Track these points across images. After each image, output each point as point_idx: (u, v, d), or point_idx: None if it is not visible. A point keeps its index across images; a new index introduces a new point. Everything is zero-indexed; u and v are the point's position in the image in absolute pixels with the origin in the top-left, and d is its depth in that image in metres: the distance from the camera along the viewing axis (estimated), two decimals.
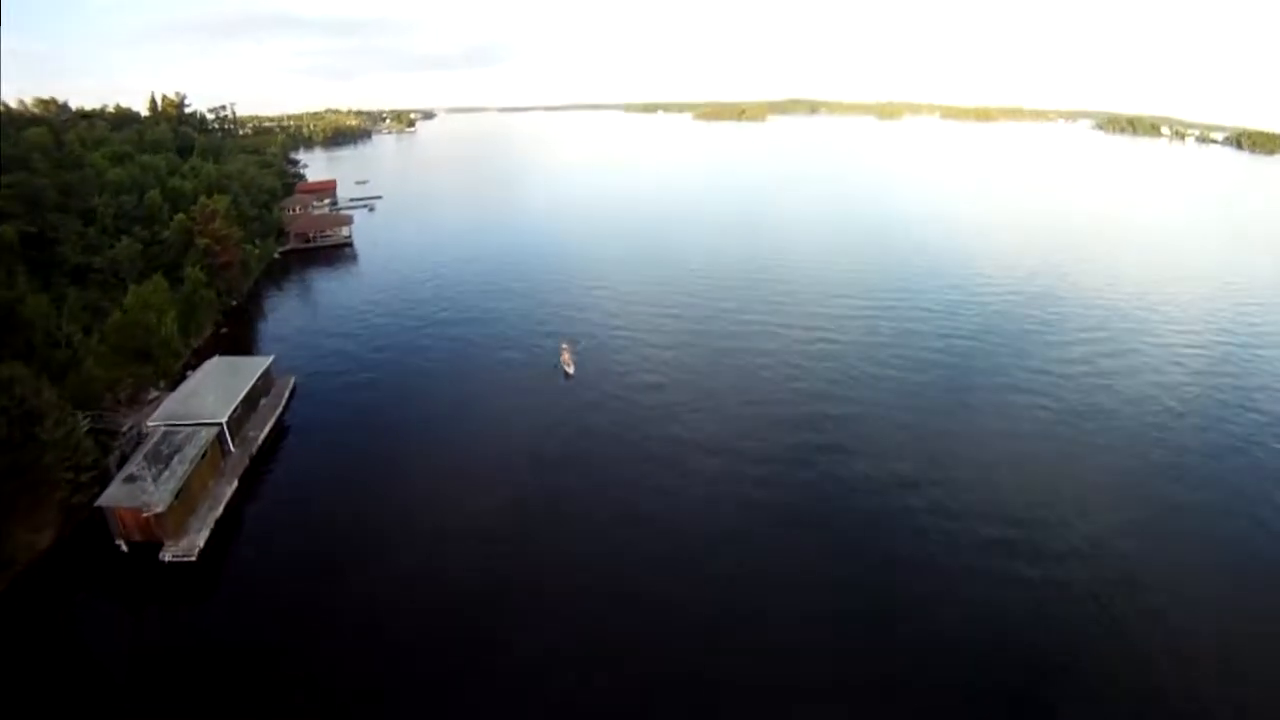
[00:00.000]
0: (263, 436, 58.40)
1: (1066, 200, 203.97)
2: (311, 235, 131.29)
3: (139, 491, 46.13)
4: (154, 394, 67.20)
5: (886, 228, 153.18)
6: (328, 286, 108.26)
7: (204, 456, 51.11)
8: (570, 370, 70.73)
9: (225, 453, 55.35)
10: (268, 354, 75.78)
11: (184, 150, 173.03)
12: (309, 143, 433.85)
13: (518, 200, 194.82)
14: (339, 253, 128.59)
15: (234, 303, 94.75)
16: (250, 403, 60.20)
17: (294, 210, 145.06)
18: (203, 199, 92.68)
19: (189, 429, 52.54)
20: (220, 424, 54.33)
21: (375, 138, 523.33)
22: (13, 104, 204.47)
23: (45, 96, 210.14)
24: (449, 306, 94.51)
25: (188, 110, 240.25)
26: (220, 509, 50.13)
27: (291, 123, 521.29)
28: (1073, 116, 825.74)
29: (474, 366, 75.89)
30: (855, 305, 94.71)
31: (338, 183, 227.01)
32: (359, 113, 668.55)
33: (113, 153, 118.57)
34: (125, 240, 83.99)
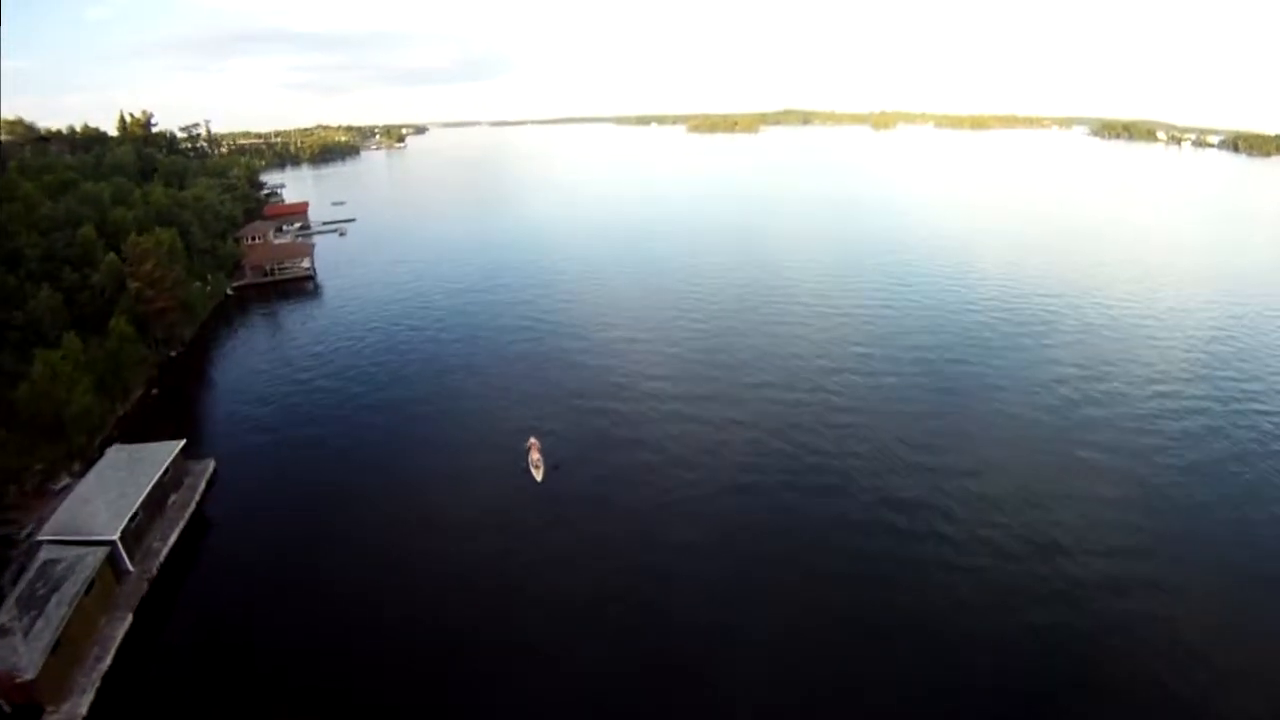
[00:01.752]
0: (168, 547, 49.34)
1: (1064, 207, 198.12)
2: (270, 268, 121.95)
3: (7, 651, 37.15)
4: (64, 481, 58.44)
5: (886, 242, 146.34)
6: (277, 333, 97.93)
7: (89, 589, 42.21)
8: (539, 474, 57.02)
9: (122, 572, 46.48)
10: (199, 427, 68.02)
11: (148, 173, 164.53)
12: (295, 160, 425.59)
13: (499, 224, 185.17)
14: (299, 287, 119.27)
15: (172, 354, 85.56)
16: (154, 504, 51.26)
17: (252, 239, 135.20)
18: (132, 236, 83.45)
19: (72, 555, 43.31)
20: (112, 541, 45.47)
21: (364, 154, 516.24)
22: None
23: (11, 117, 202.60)
24: (406, 365, 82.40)
25: (155, 129, 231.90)
26: (109, 658, 41.19)
27: (279, 139, 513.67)
28: (1067, 123, 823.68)
29: (424, 458, 62.27)
30: (875, 364, 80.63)
31: (314, 204, 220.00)
32: (349, 128, 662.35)
33: (57, 181, 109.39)
34: (45, 290, 74.94)
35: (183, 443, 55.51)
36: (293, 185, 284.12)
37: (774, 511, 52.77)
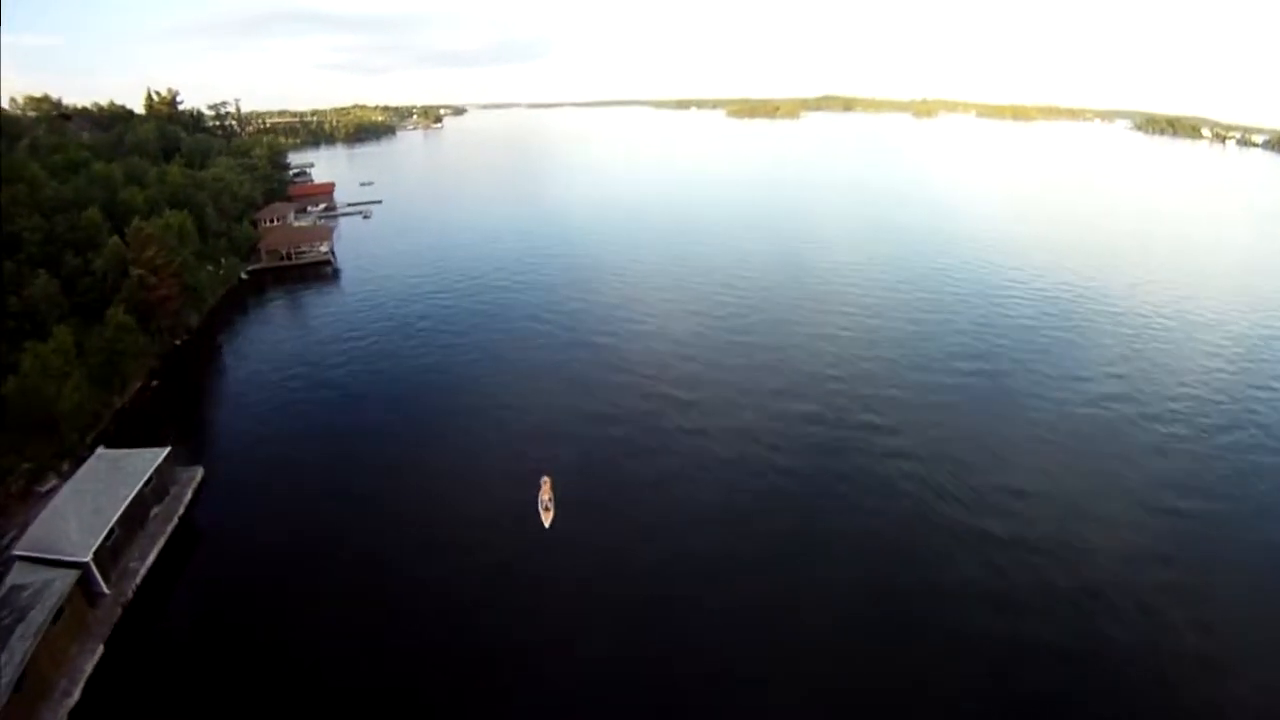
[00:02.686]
0: (146, 567, 45.26)
1: (1112, 207, 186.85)
2: (286, 252, 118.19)
3: None
4: (51, 483, 54.77)
5: (931, 239, 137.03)
6: (287, 323, 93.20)
7: (58, 618, 38.24)
8: (548, 518, 49.86)
9: (96, 595, 42.54)
10: (194, 425, 64.37)
11: (170, 152, 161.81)
12: (330, 139, 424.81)
13: (530, 210, 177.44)
14: (316, 272, 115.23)
15: (177, 342, 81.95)
16: (134, 519, 47.20)
17: (269, 221, 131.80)
18: (135, 221, 79.71)
19: (39, 580, 39.24)
20: (85, 563, 41.31)
21: (400, 134, 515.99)
22: (5, 104, 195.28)
23: (38, 94, 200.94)
24: (418, 368, 76.37)
25: (182, 107, 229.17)
26: (77, 692, 37.33)
27: (314, 118, 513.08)
28: (1109, 116, 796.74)
29: (431, 475, 56.04)
30: (929, 391, 71.37)
31: (343, 184, 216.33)
32: (386, 108, 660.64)
33: (68, 160, 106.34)
34: (42, 276, 71.56)
35: (167, 450, 51.24)
36: (326, 165, 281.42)
37: (816, 572, 46.61)
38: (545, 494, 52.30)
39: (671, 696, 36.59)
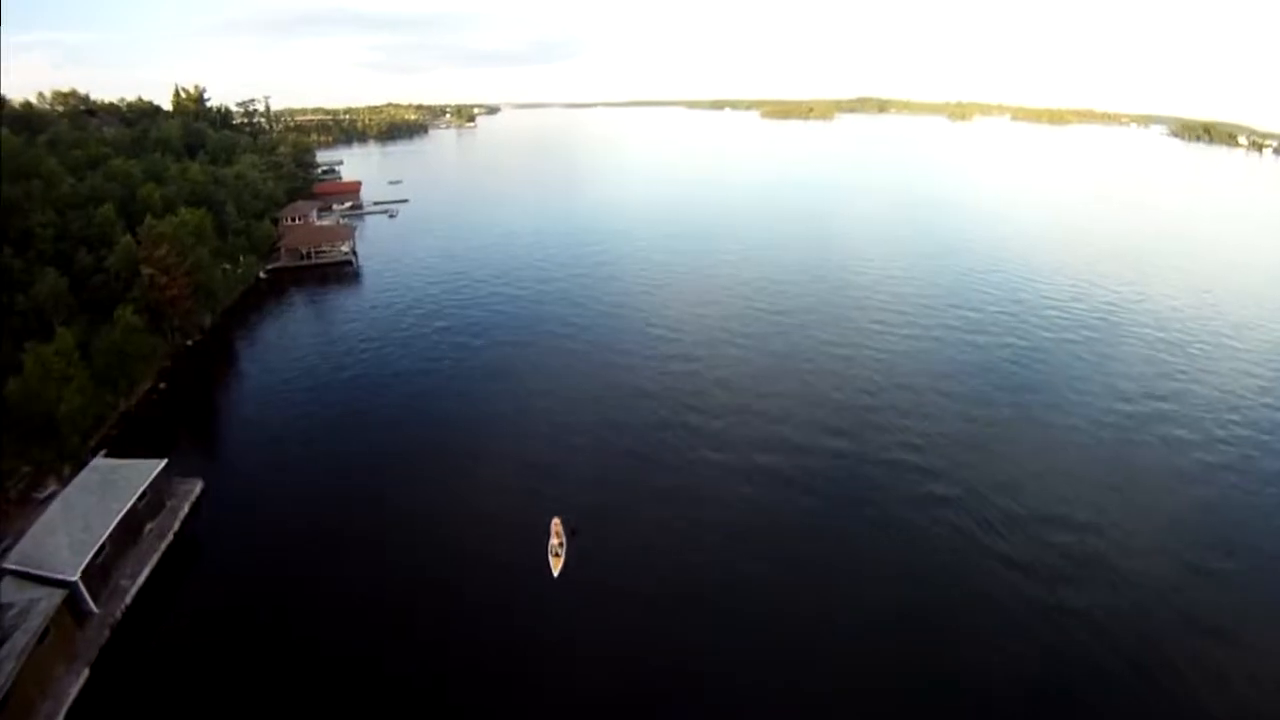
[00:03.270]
0: (138, 586, 42.82)
1: (1156, 219, 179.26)
2: (306, 251, 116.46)
3: None
4: (51, 488, 52.65)
5: (972, 248, 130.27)
6: (301, 327, 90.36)
7: (44, 638, 35.93)
8: (557, 565, 44.48)
9: (84, 614, 40.10)
10: (199, 431, 62.74)
11: (194, 148, 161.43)
12: (363, 137, 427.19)
13: (558, 211, 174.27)
14: (336, 272, 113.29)
15: (189, 342, 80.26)
16: (126, 534, 44.80)
17: (290, 220, 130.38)
18: (148, 219, 77.89)
19: (25, 599, 36.85)
20: (73, 583, 38.95)
21: (433, 132, 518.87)
22: (32, 98, 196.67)
23: (65, 89, 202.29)
24: (432, 381, 72.33)
25: (211, 104, 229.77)
26: (60, 717, 34.91)
27: (347, 116, 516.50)
28: (1145, 121, 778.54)
29: (439, 498, 52.06)
30: (975, 426, 64.73)
31: (372, 182, 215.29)
32: (420, 107, 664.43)
33: (87, 156, 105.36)
34: (50, 273, 69.97)
35: (163, 463, 48.71)
36: (358, 162, 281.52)
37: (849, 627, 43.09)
38: (555, 538, 46.94)
39: None
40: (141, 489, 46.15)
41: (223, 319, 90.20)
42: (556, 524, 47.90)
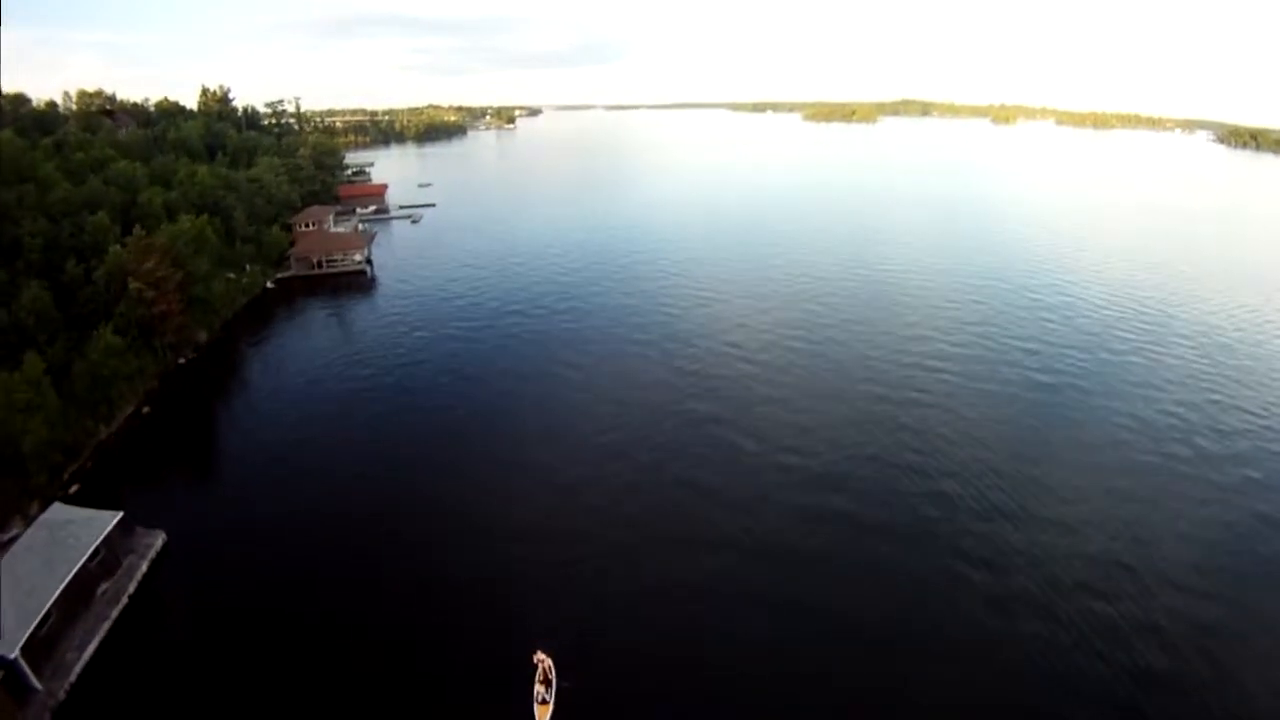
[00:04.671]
0: (86, 657, 37.06)
1: (1210, 232, 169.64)
2: (317, 260, 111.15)
3: None
4: (13, 531, 46.93)
5: (1029, 259, 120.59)
6: (305, 343, 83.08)
7: None
8: (545, 714, 34.64)
9: (27, 691, 34.62)
10: (173, 468, 56.46)
11: (214, 150, 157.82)
12: (401, 138, 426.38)
13: (590, 219, 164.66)
14: (348, 283, 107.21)
15: (181, 360, 74.77)
16: (76, 599, 38.99)
17: (303, 226, 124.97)
18: (136, 230, 72.88)
19: None
20: (12, 660, 33.54)
21: (471, 134, 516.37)
22: (58, 97, 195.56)
23: (91, 89, 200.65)
24: (436, 424, 63.20)
25: (234, 104, 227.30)
26: None
27: (385, 117, 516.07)
28: (1190, 127, 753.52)
29: (410, 602, 41.57)
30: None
31: (403, 184, 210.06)
32: (460, 109, 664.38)
33: (91, 159, 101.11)
34: (34, 286, 65.03)
35: (118, 517, 42.71)
36: (390, 164, 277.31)
37: None
38: (540, 677, 36.19)
39: None
40: (94, 546, 40.38)
41: (223, 332, 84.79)
42: (543, 662, 36.70)
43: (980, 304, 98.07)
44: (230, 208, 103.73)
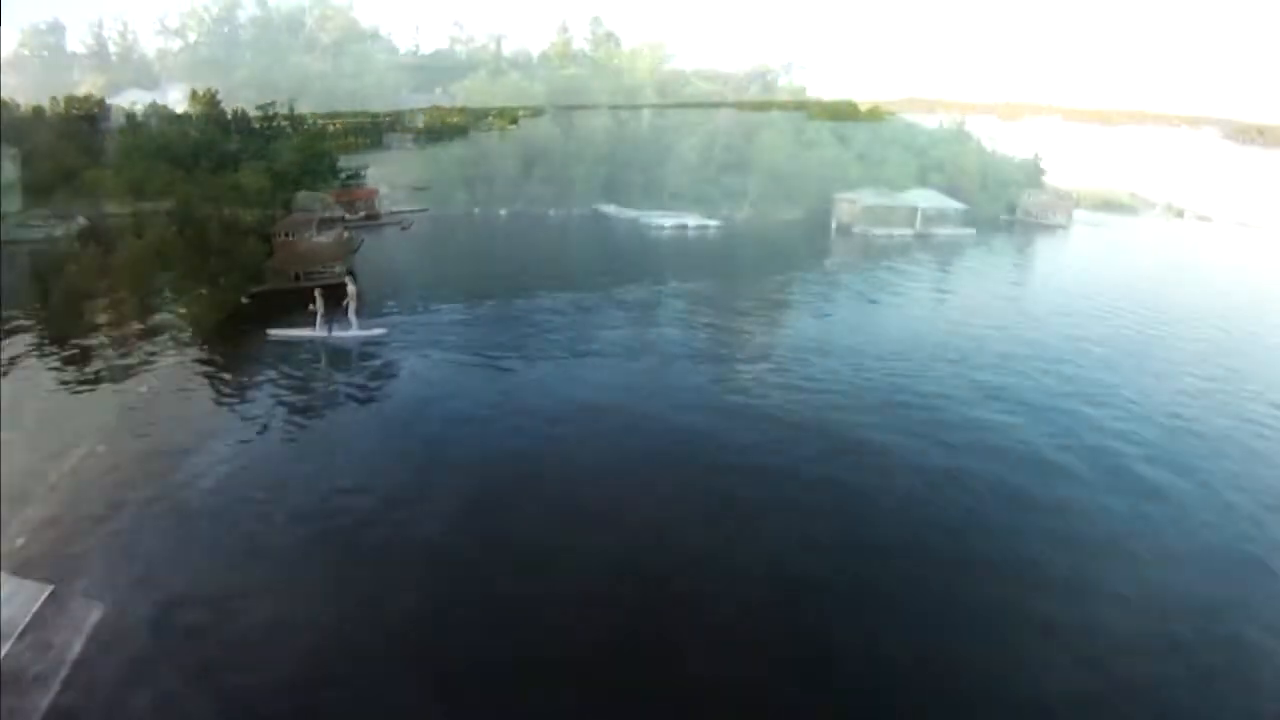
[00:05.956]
0: None
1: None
2: (295, 273, 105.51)
3: None
4: None
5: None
6: (261, 374, 63.61)
7: None
8: None
9: None
10: (109, 520, 46.09)
11: (199, 155, 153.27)
12: (400, 139, 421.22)
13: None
14: (328, 296, 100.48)
15: (142, 389, 70.10)
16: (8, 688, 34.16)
17: (283, 236, 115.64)
18: None
19: None
20: None
21: (473, 135, 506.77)
22: (45, 103, 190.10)
23: (80, 94, 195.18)
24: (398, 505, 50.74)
25: (222, 106, 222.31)
26: None
27: (387, 118, 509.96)
28: (1196, 123, 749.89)
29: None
30: None
31: (397, 186, 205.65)
32: (463, 110, 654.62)
33: (61, 169, 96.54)
34: None
35: (49, 590, 37.44)
36: (388, 167, 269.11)
37: None
38: None
39: None
40: (19, 630, 35.44)
41: (199, 348, 79.84)
42: None
43: None
44: (205, 218, 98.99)
